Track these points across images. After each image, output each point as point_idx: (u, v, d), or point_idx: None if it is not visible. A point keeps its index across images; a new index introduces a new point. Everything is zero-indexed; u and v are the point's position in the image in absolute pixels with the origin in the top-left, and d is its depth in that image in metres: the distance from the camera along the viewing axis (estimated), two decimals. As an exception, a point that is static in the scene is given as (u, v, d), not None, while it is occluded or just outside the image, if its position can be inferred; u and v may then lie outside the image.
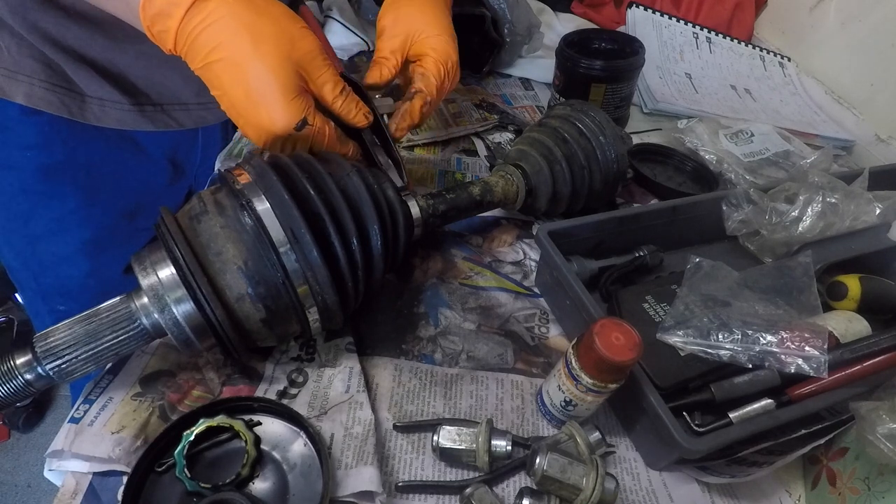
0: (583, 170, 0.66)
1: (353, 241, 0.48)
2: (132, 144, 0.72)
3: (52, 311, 0.78)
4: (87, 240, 0.72)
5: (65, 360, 0.42)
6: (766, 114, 1.03)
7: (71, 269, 0.73)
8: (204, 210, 0.45)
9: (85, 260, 0.73)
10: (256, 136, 0.51)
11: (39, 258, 0.73)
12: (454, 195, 0.62)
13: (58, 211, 0.70)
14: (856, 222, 0.64)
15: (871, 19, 1.00)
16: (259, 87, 0.47)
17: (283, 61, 0.48)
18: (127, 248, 0.80)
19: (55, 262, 0.73)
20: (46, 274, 0.74)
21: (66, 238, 0.71)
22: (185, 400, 0.50)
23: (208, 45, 0.46)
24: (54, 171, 0.67)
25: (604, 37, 0.92)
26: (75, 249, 0.72)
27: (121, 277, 0.75)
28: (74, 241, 0.72)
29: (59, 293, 0.76)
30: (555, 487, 0.44)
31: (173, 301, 0.43)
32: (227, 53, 0.46)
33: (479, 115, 0.92)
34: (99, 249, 0.73)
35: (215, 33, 0.46)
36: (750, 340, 0.49)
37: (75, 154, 0.67)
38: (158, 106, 0.69)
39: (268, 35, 0.47)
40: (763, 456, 0.48)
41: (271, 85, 0.48)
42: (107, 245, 0.74)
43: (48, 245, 0.72)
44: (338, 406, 0.50)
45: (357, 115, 0.55)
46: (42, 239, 0.71)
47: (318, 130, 0.52)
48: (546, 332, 0.61)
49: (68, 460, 0.45)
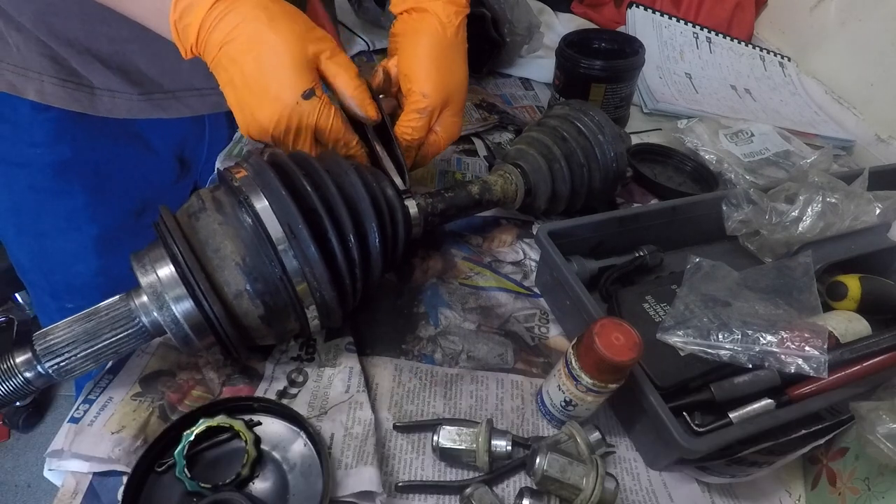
0: (582, 168, 0.66)
1: (350, 238, 0.48)
2: (140, 142, 0.72)
3: (60, 308, 0.78)
4: (96, 237, 0.72)
5: (64, 359, 0.42)
6: (766, 114, 1.03)
7: (80, 267, 0.74)
8: (202, 207, 0.45)
9: (94, 257, 0.73)
10: (263, 114, 0.51)
11: (49, 255, 0.74)
12: (453, 194, 0.62)
13: (67, 208, 0.70)
14: (856, 222, 0.64)
15: (871, 19, 1.00)
16: (271, 57, 0.49)
17: (298, 38, 0.50)
18: (135, 246, 0.81)
19: (64, 260, 0.73)
20: (55, 271, 0.75)
21: (75, 235, 0.72)
22: (185, 400, 0.50)
23: (225, 30, 0.48)
24: (63, 169, 0.67)
25: (604, 37, 0.92)
26: (84, 246, 0.72)
27: (130, 275, 0.76)
28: (83, 239, 0.72)
29: (69, 291, 0.76)
30: (555, 487, 0.44)
31: (172, 299, 0.43)
32: (243, 32, 0.48)
33: (479, 115, 0.92)
34: (108, 247, 0.74)
35: (234, 17, 0.48)
36: (750, 340, 0.49)
37: (84, 151, 0.67)
38: (170, 93, 0.69)
39: (284, 15, 0.49)
40: (763, 456, 0.48)
41: (282, 55, 0.49)
42: (115, 243, 0.74)
43: (57, 242, 0.72)
44: (338, 406, 0.50)
45: (370, 106, 0.54)
46: (51, 236, 0.72)
47: (324, 105, 0.52)
48: (546, 332, 0.61)
49: (68, 460, 0.45)
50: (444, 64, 0.60)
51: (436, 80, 0.59)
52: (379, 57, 1.04)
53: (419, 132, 0.60)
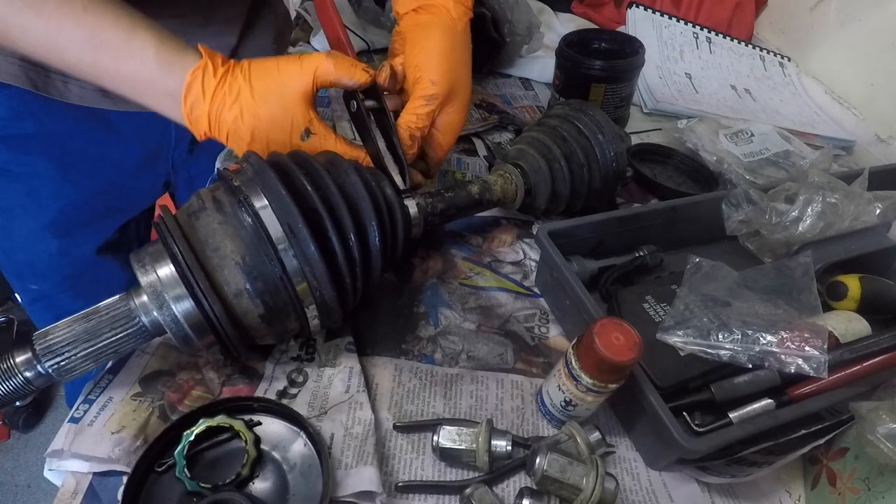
0: (582, 168, 0.66)
1: (350, 238, 0.48)
2: (103, 122, 0.72)
3: (25, 290, 0.79)
4: (58, 214, 0.73)
5: (64, 358, 0.43)
6: (766, 114, 1.03)
7: (40, 246, 0.74)
8: (202, 207, 0.45)
9: (53, 238, 0.74)
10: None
11: (10, 235, 0.74)
12: (453, 194, 0.62)
13: (29, 184, 0.70)
14: (856, 222, 0.64)
15: (871, 19, 1.00)
16: (262, 118, 0.53)
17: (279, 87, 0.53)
18: (98, 228, 0.79)
19: (25, 239, 0.74)
20: (17, 251, 0.75)
21: (37, 212, 0.72)
22: (185, 400, 0.50)
23: (228, 114, 0.52)
24: (25, 144, 0.68)
25: (604, 37, 0.92)
26: (45, 225, 0.73)
27: (93, 258, 0.77)
28: (45, 216, 0.73)
29: (31, 272, 0.77)
30: (555, 487, 0.44)
31: (172, 298, 0.43)
32: (240, 105, 0.52)
33: (479, 115, 0.92)
34: (69, 227, 0.74)
35: (229, 101, 0.52)
36: (750, 340, 0.49)
37: (46, 127, 0.68)
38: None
39: (261, 74, 0.53)
40: (763, 456, 0.48)
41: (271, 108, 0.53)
42: (77, 223, 0.75)
43: (19, 220, 0.73)
44: (338, 406, 0.50)
45: (355, 69, 0.54)
46: (13, 214, 0.72)
47: (323, 140, 0.54)
48: (546, 332, 0.61)
49: (68, 460, 0.45)
50: (454, 56, 0.61)
51: (445, 69, 0.60)
52: (379, 57, 1.04)
53: (423, 120, 0.60)
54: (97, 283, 0.79)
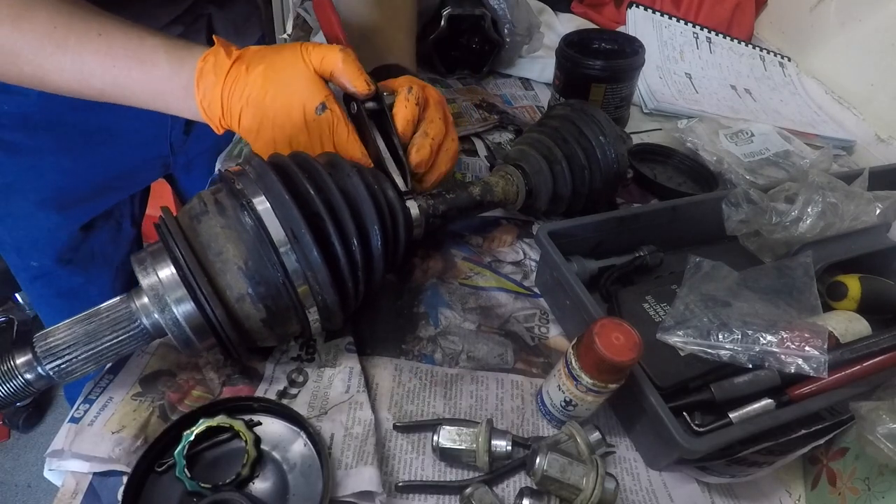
0: (583, 169, 0.66)
1: (353, 241, 0.48)
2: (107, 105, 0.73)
3: (26, 268, 0.81)
4: (58, 189, 0.74)
5: (65, 360, 0.43)
6: (766, 114, 1.03)
7: (41, 222, 0.76)
8: (204, 210, 0.45)
9: (54, 212, 0.75)
10: (283, 134, 0.54)
11: (12, 209, 0.75)
12: (454, 195, 0.62)
13: (32, 159, 0.71)
14: (856, 222, 0.64)
15: (871, 19, 1.00)
16: (281, 87, 0.53)
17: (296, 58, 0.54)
18: (95, 204, 0.81)
19: (27, 213, 0.75)
20: (19, 227, 0.77)
21: (39, 185, 0.74)
22: (185, 400, 0.50)
23: (238, 93, 0.52)
24: (30, 119, 0.68)
25: (604, 37, 0.92)
26: (46, 198, 0.74)
27: (78, 233, 0.79)
28: (46, 190, 0.74)
29: (32, 246, 0.78)
30: (555, 487, 0.44)
31: (173, 301, 0.43)
32: (249, 87, 0.52)
33: (479, 116, 0.92)
34: (68, 202, 0.76)
35: (249, 71, 0.52)
36: (750, 340, 0.49)
37: (48, 104, 0.68)
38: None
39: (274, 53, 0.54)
40: (763, 456, 0.48)
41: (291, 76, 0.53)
42: (76, 198, 0.76)
43: (21, 195, 0.74)
44: (338, 406, 0.50)
45: (359, 79, 0.55)
46: (14, 189, 0.73)
47: (338, 121, 0.54)
48: (546, 332, 0.61)
49: (68, 460, 0.45)
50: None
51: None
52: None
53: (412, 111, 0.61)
54: (91, 256, 0.82)
